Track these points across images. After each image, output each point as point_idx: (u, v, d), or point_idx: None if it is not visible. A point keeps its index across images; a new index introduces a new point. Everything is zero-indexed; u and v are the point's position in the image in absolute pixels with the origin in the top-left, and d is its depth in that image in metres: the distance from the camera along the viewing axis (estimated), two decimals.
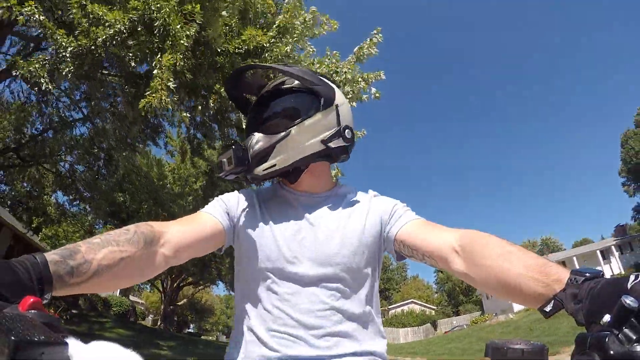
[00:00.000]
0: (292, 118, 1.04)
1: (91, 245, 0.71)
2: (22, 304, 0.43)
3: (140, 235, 0.80)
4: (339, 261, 0.99)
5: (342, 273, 0.99)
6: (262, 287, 1.00)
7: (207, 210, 1.04)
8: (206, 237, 0.97)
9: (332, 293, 0.97)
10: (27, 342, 0.35)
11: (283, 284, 0.98)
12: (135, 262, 0.77)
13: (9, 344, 0.34)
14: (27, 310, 0.42)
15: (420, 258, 0.95)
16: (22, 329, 0.36)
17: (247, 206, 1.09)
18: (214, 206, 1.06)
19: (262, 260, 1.00)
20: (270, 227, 1.04)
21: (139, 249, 0.78)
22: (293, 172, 1.08)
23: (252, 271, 1.02)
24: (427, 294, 60.53)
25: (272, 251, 1.00)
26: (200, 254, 1.00)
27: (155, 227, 0.86)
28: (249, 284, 1.03)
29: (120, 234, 0.78)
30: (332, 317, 0.95)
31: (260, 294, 1.00)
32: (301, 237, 1.02)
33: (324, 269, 0.98)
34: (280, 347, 0.92)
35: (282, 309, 0.96)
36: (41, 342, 0.36)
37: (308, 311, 0.94)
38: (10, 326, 0.36)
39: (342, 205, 1.09)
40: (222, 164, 1.02)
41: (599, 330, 0.51)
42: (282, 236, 1.02)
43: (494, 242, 0.79)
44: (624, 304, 0.48)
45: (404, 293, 59.97)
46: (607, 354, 0.47)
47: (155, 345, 16.96)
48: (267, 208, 1.10)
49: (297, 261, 0.99)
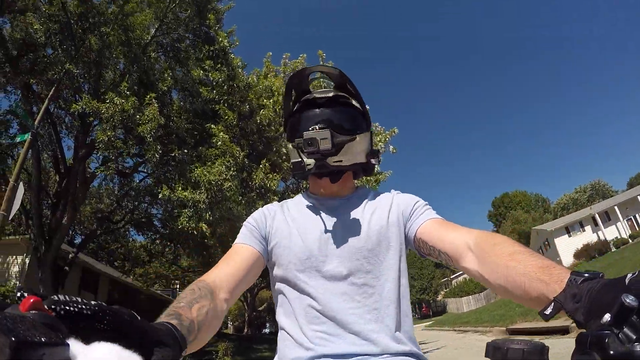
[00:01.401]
0: (354, 128, 1.14)
1: (184, 306, 0.77)
2: (23, 304, 0.42)
3: (204, 289, 0.87)
4: (365, 254, 1.04)
5: (368, 266, 1.03)
6: (295, 289, 1.06)
7: (241, 241, 1.11)
8: (249, 268, 1.05)
9: (362, 289, 1.01)
10: (28, 343, 0.35)
11: (314, 283, 1.03)
12: (213, 312, 0.84)
13: (9, 345, 0.33)
14: (27, 310, 0.42)
15: (437, 255, 1.01)
16: (23, 330, 0.36)
17: (274, 217, 1.16)
18: (245, 235, 1.13)
19: (293, 263, 1.06)
20: (297, 231, 1.10)
21: (210, 301, 0.85)
22: (340, 172, 1.16)
23: (284, 275, 1.08)
24: None
25: (301, 252, 1.06)
26: (250, 285, 1.08)
27: (208, 279, 0.94)
28: (283, 288, 1.09)
29: (194, 293, 0.85)
30: (365, 315, 0.99)
31: (293, 295, 1.05)
32: (327, 236, 1.08)
33: (351, 263, 1.03)
34: (314, 346, 0.96)
35: (314, 307, 1.01)
36: (42, 343, 0.36)
37: (339, 309, 0.99)
38: (11, 327, 0.35)
39: (365, 204, 1.16)
40: (315, 141, 1.01)
41: (599, 329, 0.50)
42: (309, 237, 1.08)
43: (505, 242, 0.83)
44: (623, 302, 0.48)
45: None
46: (607, 354, 0.47)
47: (254, 350, 18.32)
48: (293, 215, 1.16)
49: (326, 259, 1.04)
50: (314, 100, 1.17)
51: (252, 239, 1.11)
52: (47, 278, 11.43)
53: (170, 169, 9.92)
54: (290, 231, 1.11)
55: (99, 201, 17.78)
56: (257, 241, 1.11)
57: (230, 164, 8.41)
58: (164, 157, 9.58)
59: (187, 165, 9.39)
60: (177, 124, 9.88)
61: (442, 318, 30.81)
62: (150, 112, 8.52)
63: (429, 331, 21.65)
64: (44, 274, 11.45)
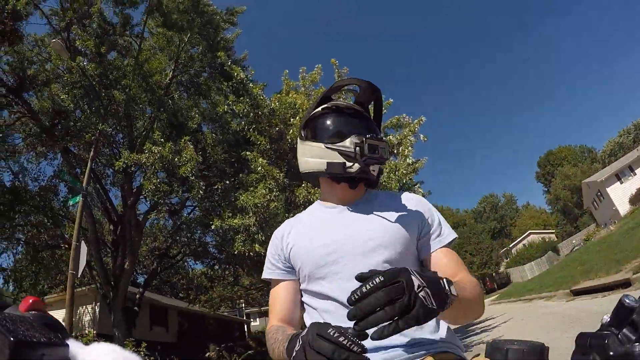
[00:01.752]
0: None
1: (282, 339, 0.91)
2: (23, 304, 0.42)
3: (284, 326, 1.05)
4: (382, 251, 1.05)
5: (385, 264, 1.03)
6: (318, 297, 1.08)
7: (268, 276, 1.19)
8: (296, 295, 1.15)
9: None
10: (28, 343, 0.35)
11: (336, 286, 1.04)
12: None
13: (9, 345, 0.34)
14: (27, 311, 0.42)
15: None
16: (23, 330, 0.36)
17: (289, 236, 1.19)
18: (272, 270, 1.19)
19: (313, 270, 1.08)
20: (314, 239, 1.12)
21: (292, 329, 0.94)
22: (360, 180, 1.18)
23: (307, 285, 1.11)
24: (543, 219, 57.17)
25: (319, 258, 1.08)
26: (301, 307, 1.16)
27: (279, 322, 1.10)
28: (308, 298, 1.12)
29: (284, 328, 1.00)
30: None
31: (317, 302, 1.08)
32: (344, 238, 1.09)
33: (368, 260, 1.04)
34: None
35: (339, 310, 1.02)
36: (42, 343, 0.36)
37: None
38: (11, 327, 0.36)
39: (378, 204, 1.17)
40: (378, 149, 1.05)
41: (599, 330, 0.51)
42: (326, 241, 1.09)
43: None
44: (623, 303, 0.49)
45: (520, 226, 56.97)
46: (607, 354, 0.47)
47: None
48: (307, 225, 1.19)
49: (343, 260, 1.05)
50: (352, 110, 1.18)
51: (280, 273, 1.17)
52: (119, 321, 12.13)
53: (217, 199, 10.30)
54: (307, 241, 1.13)
55: (153, 240, 18.64)
56: (285, 272, 1.16)
57: (272, 186, 8.68)
58: (208, 191, 9.97)
59: (231, 193, 9.75)
60: (214, 156, 10.23)
61: (508, 289, 30.15)
62: (187, 153, 8.89)
63: (496, 305, 21.37)
64: (116, 318, 12.16)
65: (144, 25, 11.25)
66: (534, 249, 40.15)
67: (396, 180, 8.00)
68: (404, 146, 8.47)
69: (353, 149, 1.06)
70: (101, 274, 12.52)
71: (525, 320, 10.48)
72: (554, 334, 6.68)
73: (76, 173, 12.08)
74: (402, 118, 9.46)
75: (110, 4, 10.83)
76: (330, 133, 1.15)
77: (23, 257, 14.84)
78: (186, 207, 13.72)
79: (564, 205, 52.94)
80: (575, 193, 47.27)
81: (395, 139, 8.73)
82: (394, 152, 8.73)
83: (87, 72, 10.01)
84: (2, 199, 12.41)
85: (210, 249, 14.32)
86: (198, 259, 15.41)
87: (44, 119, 11.46)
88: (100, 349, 0.42)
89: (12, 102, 11.39)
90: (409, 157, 8.63)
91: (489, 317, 14.68)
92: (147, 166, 9.07)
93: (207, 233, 12.97)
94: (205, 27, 10.74)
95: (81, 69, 9.87)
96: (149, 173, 9.20)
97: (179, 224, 13.65)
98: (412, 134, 8.90)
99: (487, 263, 39.42)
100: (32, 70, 10.99)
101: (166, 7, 10.31)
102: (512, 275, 39.10)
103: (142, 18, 11.26)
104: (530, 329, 8.55)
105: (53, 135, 11.16)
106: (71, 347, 0.40)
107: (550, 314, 9.88)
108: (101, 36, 10.28)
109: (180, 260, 16.62)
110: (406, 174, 8.39)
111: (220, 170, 10.34)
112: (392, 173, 8.05)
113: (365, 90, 1.20)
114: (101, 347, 0.42)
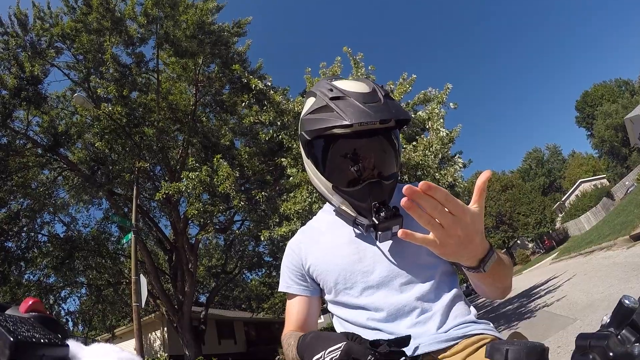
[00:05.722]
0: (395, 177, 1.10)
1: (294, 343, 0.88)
2: (23, 305, 0.42)
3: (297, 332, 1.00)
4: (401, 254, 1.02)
5: (407, 266, 1.01)
6: (347, 307, 1.05)
7: (285, 290, 1.14)
8: (311, 308, 1.12)
9: (407, 288, 0.99)
10: (28, 344, 0.35)
11: (359, 290, 1.01)
12: None
13: (10, 345, 0.34)
14: (27, 311, 0.42)
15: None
16: (23, 331, 0.36)
17: (307, 247, 1.12)
18: (289, 285, 1.13)
19: (339, 280, 1.04)
20: (331, 253, 1.07)
21: None
22: None
23: (334, 297, 1.07)
24: (592, 164, 54.49)
25: (343, 271, 1.03)
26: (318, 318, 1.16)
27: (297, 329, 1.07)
28: (337, 309, 1.08)
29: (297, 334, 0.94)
30: (412, 312, 0.97)
31: (348, 312, 1.04)
32: (361, 247, 1.05)
33: (390, 266, 1.01)
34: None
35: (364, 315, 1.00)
36: (42, 344, 0.36)
37: (389, 313, 0.98)
38: (12, 327, 0.36)
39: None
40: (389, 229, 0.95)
41: (599, 330, 0.51)
42: (345, 254, 1.05)
43: None
44: (623, 303, 0.49)
45: (569, 177, 54.64)
46: (607, 355, 0.47)
47: None
48: (324, 233, 1.13)
49: (366, 266, 1.02)
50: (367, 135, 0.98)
51: (295, 287, 1.12)
52: (189, 342, 12.64)
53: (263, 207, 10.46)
54: (324, 257, 1.07)
55: (209, 259, 19.34)
56: (301, 286, 1.12)
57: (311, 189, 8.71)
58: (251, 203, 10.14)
59: (276, 200, 9.89)
60: (252, 168, 10.40)
61: (567, 245, 29.01)
62: (223, 171, 9.06)
63: (557, 263, 20.68)
64: (185, 339, 12.68)
65: (157, 58, 11.54)
66: (588, 199, 38.43)
67: (433, 155, 7.82)
68: (433, 120, 8.25)
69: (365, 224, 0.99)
70: (164, 301, 13.06)
71: (588, 275, 10.12)
72: (619, 286, 6.51)
73: (124, 212, 12.63)
74: (429, 92, 9.18)
75: (121, 47, 11.15)
76: (339, 177, 1.02)
77: (87, 298, 15.67)
78: (235, 223, 14.08)
79: (611, 146, 50.42)
80: (620, 131, 44.86)
81: (425, 114, 8.50)
82: (426, 127, 8.55)
83: (114, 116, 10.39)
84: (60, 250, 13.21)
85: (266, 258, 14.74)
86: (254, 269, 15.90)
87: (84, 169, 12.01)
88: (99, 349, 0.42)
89: (50, 159, 12.00)
90: (441, 129, 8.40)
91: (551, 278, 14.25)
92: (188, 193, 9.33)
93: (259, 244, 13.32)
94: (216, 45, 10.89)
95: (108, 114, 10.26)
96: (191, 199, 9.46)
97: (230, 239, 14.01)
98: (441, 104, 8.59)
99: (542, 222, 38.06)
100: (62, 126, 11.47)
101: (174, 36, 10.51)
102: (569, 230, 37.58)
103: (153, 52, 11.55)
104: (594, 284, 8.26)
105: (95, 182, 11.65)
106: (71, 347, 0.40)
107: (613, 264, 9.53)
108: (120, 79, 10.58)
109: (238, 274, 17.10)
110: (442, 148, 8.17)
111: (261, 181, 10.50)
112: (427, 149, 7.83)
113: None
114: (101, 347, 0.42)
